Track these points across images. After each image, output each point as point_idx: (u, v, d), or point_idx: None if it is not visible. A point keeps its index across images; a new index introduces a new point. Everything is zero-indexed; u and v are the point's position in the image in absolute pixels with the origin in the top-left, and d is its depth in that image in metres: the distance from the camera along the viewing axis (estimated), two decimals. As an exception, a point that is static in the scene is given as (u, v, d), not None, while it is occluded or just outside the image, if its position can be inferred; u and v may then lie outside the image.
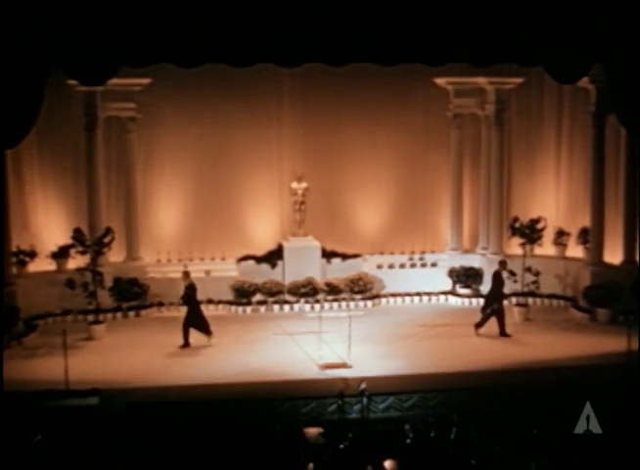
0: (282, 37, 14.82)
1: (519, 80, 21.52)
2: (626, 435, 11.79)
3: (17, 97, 14.07)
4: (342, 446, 11.56)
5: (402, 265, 22.35)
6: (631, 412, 12.81)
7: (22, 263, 19.97)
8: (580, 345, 17.75)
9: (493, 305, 18.69)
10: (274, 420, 13.21)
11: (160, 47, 14.55)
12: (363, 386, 14.40)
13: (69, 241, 19.43)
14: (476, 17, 15.15)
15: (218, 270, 21.39)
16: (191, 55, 14.92)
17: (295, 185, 21.65)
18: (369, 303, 21.31)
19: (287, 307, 20.94)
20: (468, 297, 21.63)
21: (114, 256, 20.74)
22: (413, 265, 22.38)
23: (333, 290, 21.18)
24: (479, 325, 18.62)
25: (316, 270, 21.35)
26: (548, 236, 21.43)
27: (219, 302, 21.02)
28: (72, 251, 19.53)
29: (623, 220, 19.98)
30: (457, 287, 21.95)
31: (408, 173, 22.84)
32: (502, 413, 13.24)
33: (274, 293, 21.09)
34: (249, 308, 20.90)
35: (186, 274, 18.52)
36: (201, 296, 20.74)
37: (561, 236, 21.92)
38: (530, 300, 20.76)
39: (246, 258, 21.74)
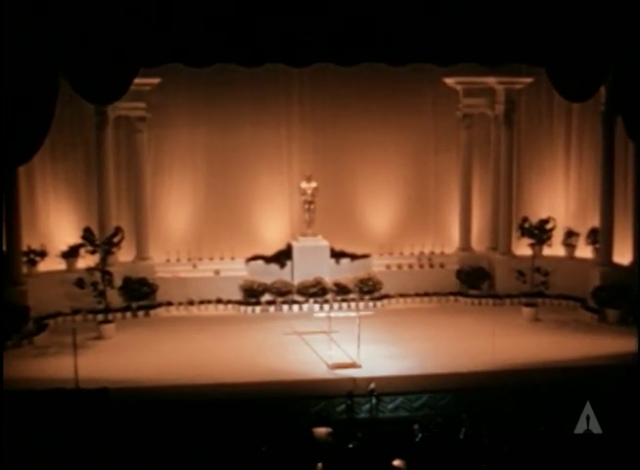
0: (291, 37, 14.81)
1: (528, 80, 21.46)
2: (636, 436, 11.77)
3: (28, 111, 13.96)
4: (350, 445, 11.57)
5: (411, 266, 22.36)
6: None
7: (33, 263, 20.01)
8: (590, 345, 17.70)
9: None
10: (283, 420, 13.22)
11: (170, 47, 14.56)
12: (372, 386, 14.46)
13: (79, 240, 19.53)
14: (485, 16, 15.11)
15: (227, 270, 21.41)
16: (201, 55, 14.91)
17: (304, 185, 21.64)
18: (378, 303, 21.31)
19: (296, 307, 20.93)
20: (477, 297, 21.63)
21: (124, 255, 20.77)
22: (422, 266, 22.39)
23: (342, 290, 21.18)
24: None
25: (325, 270, 21.33)
26: (557, 236, 21.37)
27: (228, 301, 21.06)
28: (82, 250, 19.63)
29: (633, 221, 19.90)
30: (466, 287, 21.94)
31: (417, 173, 22.83)
32: (511, 414, 13.22)
33: (283, 293, 21.10)
34: (258, 308, 20.91)
35: None
36: (210, 295, 20.97)
37: (570, 236, 21.87)
38: (540, 300, 20.74)
39: (255, 257, 21.74)
